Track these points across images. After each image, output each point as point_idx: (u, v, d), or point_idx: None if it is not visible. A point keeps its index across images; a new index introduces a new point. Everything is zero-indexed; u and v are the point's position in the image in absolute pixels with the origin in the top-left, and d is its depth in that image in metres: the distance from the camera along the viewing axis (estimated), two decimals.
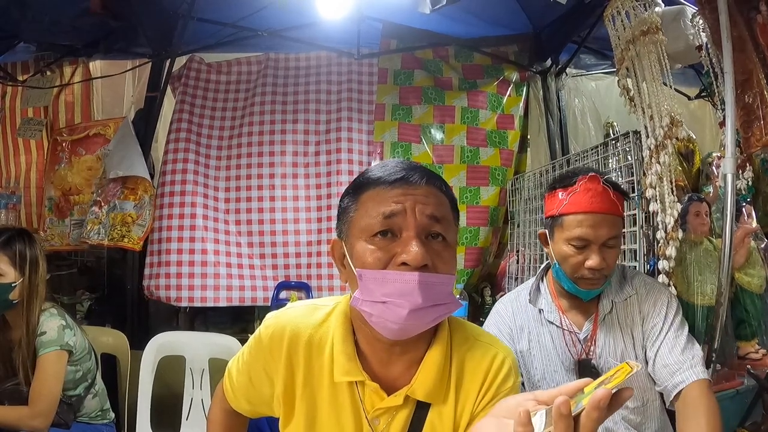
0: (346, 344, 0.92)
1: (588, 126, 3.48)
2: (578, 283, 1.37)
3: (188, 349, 2.38)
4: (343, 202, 0.92)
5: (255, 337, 1.01)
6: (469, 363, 0.93)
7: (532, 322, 1.47)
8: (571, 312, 1.45)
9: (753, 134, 1.64)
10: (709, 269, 2.11)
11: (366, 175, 0.91)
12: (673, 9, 2.16)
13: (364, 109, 3.08)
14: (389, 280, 0.81)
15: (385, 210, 0.84)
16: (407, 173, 0.87)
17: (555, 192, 1.40)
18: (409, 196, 0.84)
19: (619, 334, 1.40)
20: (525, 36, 3.27)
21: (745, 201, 2.28)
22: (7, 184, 3.29)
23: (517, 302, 1.53)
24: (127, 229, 2.73)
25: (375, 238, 0.84)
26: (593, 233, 1.31)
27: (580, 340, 1.42)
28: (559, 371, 1.41)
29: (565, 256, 1.36)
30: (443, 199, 0.88)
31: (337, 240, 0.93)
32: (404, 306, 0.80)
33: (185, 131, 2.95)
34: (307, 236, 2.92)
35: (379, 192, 0.86)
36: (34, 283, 1.76)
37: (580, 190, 1.34)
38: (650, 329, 1.39)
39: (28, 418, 1.67)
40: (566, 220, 1.35)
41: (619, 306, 1.42)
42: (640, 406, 1.40)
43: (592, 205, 1.32)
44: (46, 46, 3.13)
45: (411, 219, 0.83)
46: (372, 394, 0.91)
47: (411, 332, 0.85)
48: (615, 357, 1.38)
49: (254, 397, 1.04)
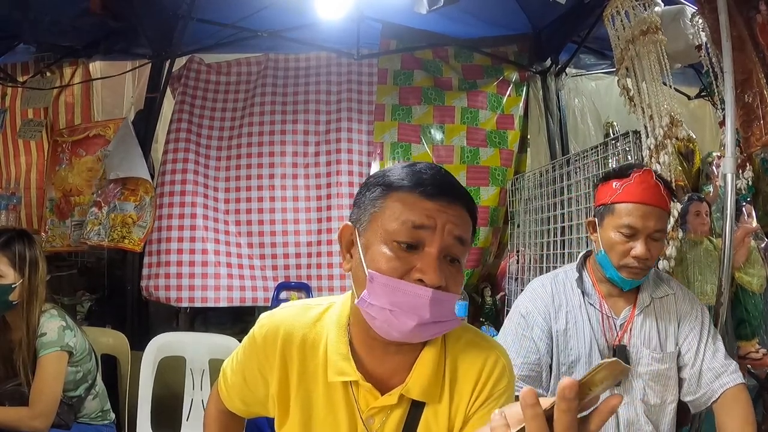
0: (339, 344, 0.92)
1: (588, 126, 3.49)
2: (621, 271, 1.41)
3: (188, 350, 2.38)
4: (370, 192, 0.88)
5: (249, 337, 1.01)
6: (463, 362, 0.93)
7: (573, 303, 1.50)
8: (610, 299, 1.50)
9: (753, 134, 1.64)
10: (710, 269, 2.11)
11: (400, 173, 0.87)
12: (672, 9, 2.16)
13: (364, 110, 3.08)
14: (401, 291, 0.81)
15: (416, 221, 0.82)
16: (446, 188, 0.85)
17: (609, 182, 1.45)
18: (442, 214, 0.83)
19: (654, 327, 1.45)
20: (525, 36, 3.28)
21: (745, 200, 2.28)
22: (7, 185, 3.30)
23: (556, 283, 1.54)
24: (128, 230, 2.73)
25: (397, 244, 0.82)
26: (642, 223, 1.37)
27: (617, 326, 1.46)
28: (594, 354, 1.44)
29: (612, 244, 1.41)
30: (470, 223, 0.88)
31: (349, 225, 0.90)
32: (412, 319, 0.81)
33: (185, 132, 2.95)
34: (307, 236, 2.92)
35: (415, 199, 0.84)
36: (33, 284, 1.76)
37: (633, 181, 1.40)
38: (689, 332, 1.45)
39: (29, 418, 1.67)
40: (618, 208, 1.41)
41: (657, 302, 1.48)
42: (659, 404, 1.45)
43: (644, 197, 1.38)
44: (46, 46, 3.13)
45: (438, 236, 0.82)
46: (366, 394, 0.91)
47: (411, 341, 0.86)
48: (648, 347, 1.43)
49: (249, 397, 1.04)
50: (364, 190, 0.90)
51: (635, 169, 1.42)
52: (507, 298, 2.84)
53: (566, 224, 2.38)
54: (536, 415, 0.50)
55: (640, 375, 1.43)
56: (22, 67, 3.26)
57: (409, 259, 0.82)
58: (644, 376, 1.43)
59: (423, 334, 0.84)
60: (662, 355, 1.43)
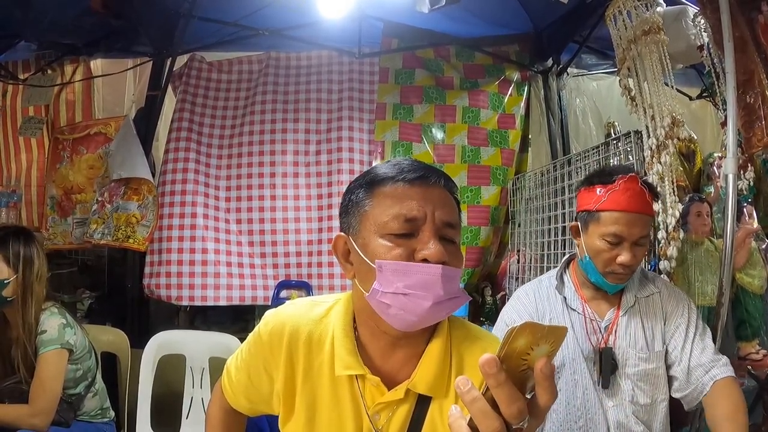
0: (346, 339, 0.92)
1: (589, 126, 3.48)
2: (606, 277, 1.42)
3: (188, 348, 2.38)
4: (354, 196, 0.90)
5: (254, 334, 1.01)
6: (469, 357, 0.93)
7: (556, 309, 1.50)
8: (593, 302, 1.50)
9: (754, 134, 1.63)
10: (710, 270, 2.11)
11: (379, 171, 0.90)
12: (674, 9, 2.15)
13: (365, 108, 3.08)
14: (413, 272, 0.82)
15: (407, 214, 0.84)
16: (425, 172, 0.88)
17: (593, 187, 1.44)
18: (428, 201, 0.86)
19: (640, 327, 1.45)
20: (526, 35, 3.27)
21: (747, 201, 2.28)
22: (7, 183, 3.30)
23: (539, 290, 1.55)
24: (132, 230, 2.74)
25: (394, 235, 0.85)
26: (627, 231, 1.37)
27: (601, 329, 1.46)
28: (578, 359, 1.44)
29: (597, 251, 1.41)
30: (455, 205, 0.91)
31: (342, 235, 0.92)
32: (428, 298, 0.81)
33: (186, 130, 2.95)
34: (307, 235, 2.92)
35: (398, 189, 0.86)
36: (28, 281, 1.76)
37: (619, 188, 1.38)
38: (674, 330, 1.44)
39: (29, 416, 1.67)
40: (603, 216, 1.40)
41: (642, 302, 1.48)
42: (650, 404, 1.44)
43: (630, 205, 1.37)
44: (47, 44, 3.13)
45: (430, 222, 0.85)
46: (372, 389, 0.91)
47: (426, 324, 0.87)
48: (634, 348, 1.43)
49: (253, 394, 1.04)
50: (347, 196, 0.92)
51: (620, 175, 1.41)
52: (507, 297, 2.84)
53: (567, 224, 2.38)
54: (474, 399, 0.51)
55: (628, 376, 1.42)
56: (23, 64, 3.26)
57: (408, 244, 0.84)
58: (632, 377, 1.42)
59: (439, 313, 0.85)
60: (649, 354, 1.42)
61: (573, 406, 1.43)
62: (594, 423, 1.42)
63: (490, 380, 0.49)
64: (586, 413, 1.42)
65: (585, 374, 1.42)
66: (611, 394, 1.42)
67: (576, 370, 1.43)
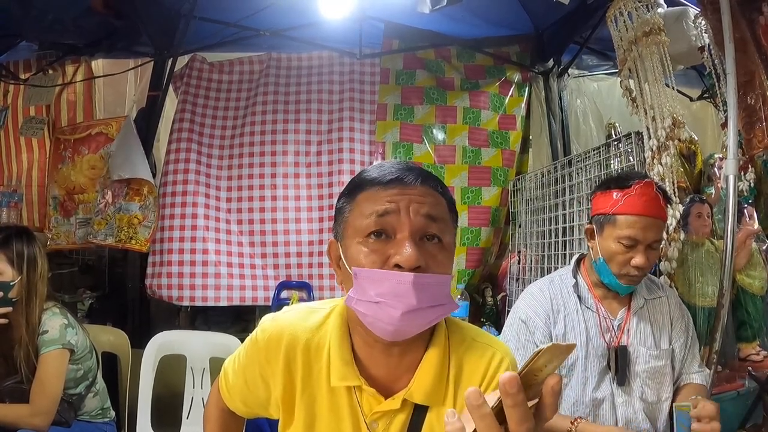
0: (342, 348, 0.91)
1: (590, 127, 3.49)
2: (621, 279, 1.46)
3: (189, 348, 2.38)
4: (339, 203, 0.91)
5: (251, 339, 1.00)
6: (467, 364, 0.92)
7: (570, 307, 1.53)
8: (605, 302, 1.54)
9: (755, 135, 1.64)
10: (711, 271, 2.11)
11: (361, 176, 0.89)
12: (675, 10, 2.15)
13: (366, 109, 3.08)
14: (383, 280, 0.79)
15: (379, 209, 0.82)
16: (402, 173, 0.85)
17: (610, 191, 1.47)
18: (404, 196, 0.83)
19: (649, 327, 1.51)
20: (527, 36, 3.27)
21: (747, 203, 2.27)
22: (8, 183, 3.30)
23: (553, 287, 1.57)
24: (134, 231, 2.74)
25: (369, 239, 0.83)
26: (642, 234, 1.40)
27: (614, 327, 1.51)
28: (591, 356, 1.48)
29: (612, 253, 1.44)
30: (440, 200, 0.87)
31: (334, 241, 0.92)
32: (397, 307, 0.78)
33: (187, 131, 2.95)
34: (308, 236, 2.92)
35: (374, 192, 0.85)
36: (32, 282, 1.77)
37: (635, 193, 1.42)
38: (676, 339, 1.54)
39: (29, 416, 1.67)
40: (619, 219, 1.43)
41: (650, 303, 1.55)
42: (656, 402, 1.50)
43: (646, 209, 1.41)
44: (49, 44, 3.13)
45: (405, 219, 0.82)
46: (370, 398, 0.90)
47: (407, 333, 0.84)
48: (645, 345, 1.49)
49: (249, 399, 1.04)
50: (336, 204, 0.92)
51: (637, 180, 1.44)
52: (508, 298, 2.84)
53: (568, 225, 2.38)
54: (483, 415, 0.49)
55: (638, 373, 1.47)
56: (24, 64, 3.26)
57: (384, 249, 0.82)
58: (642, 374, 1.47)
59: (415, 322, 0.82)
60: (658, 352, 1.49)
61: (582, 402, 1.46)
62: (603, 419, 1.46)
63: (508, 399, 0.48)
64: (594, 410, 1.47)
65: (597, 371, 1.47)
66: (622, 390, 1.47)
67: (587, 366, 1.47)
